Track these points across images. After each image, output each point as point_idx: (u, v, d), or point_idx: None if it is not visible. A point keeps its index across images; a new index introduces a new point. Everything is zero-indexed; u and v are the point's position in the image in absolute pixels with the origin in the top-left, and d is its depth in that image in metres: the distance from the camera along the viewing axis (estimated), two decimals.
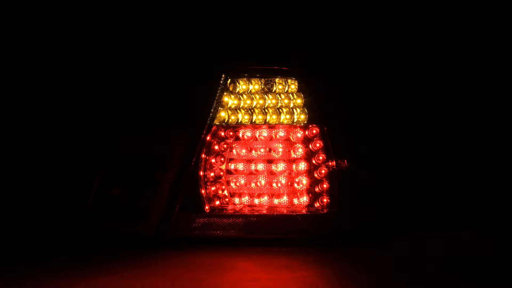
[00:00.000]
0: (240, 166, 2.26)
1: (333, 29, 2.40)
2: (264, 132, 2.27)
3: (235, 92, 2.26)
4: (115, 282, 1.86)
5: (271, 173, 2.26)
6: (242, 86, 2.27)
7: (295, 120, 2.26)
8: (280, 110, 2.27)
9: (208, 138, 2.23)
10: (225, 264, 2.03)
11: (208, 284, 1.84)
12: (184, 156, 2.20)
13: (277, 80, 2.27)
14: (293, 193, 2.26)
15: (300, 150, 2.25)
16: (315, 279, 1.89)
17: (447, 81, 2.72)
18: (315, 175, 2.24)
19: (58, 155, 2.29)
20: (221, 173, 2.25)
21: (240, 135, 2.27)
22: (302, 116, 2.26)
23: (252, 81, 2.27)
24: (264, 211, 2.25)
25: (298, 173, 2.26)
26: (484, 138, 2.76)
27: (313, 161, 2.24)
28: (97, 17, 2.38)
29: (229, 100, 2.25)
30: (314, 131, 2.25)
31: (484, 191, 2.72)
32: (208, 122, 2.22)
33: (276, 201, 2.26)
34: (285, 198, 2.26)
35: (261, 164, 2.26)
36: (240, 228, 2.22)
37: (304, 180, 2.25)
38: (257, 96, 2.27)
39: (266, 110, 2.27)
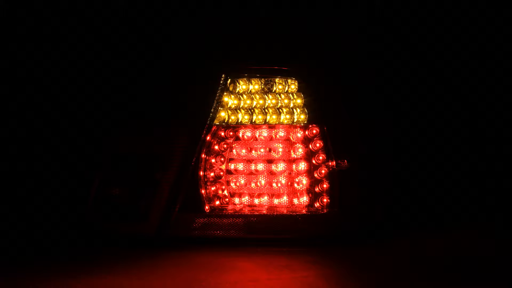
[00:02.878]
0: (240, 166, 2.26)
1: (333, 29, 2.39)
2: (264, 132, 2.27)
3: (235, 92, 2.26)
4: (115, 282, 1.86)
5: (271, 173, 2.26)
6: (242, 86, 2.27)
7: (295, 120, 2.26)
8: (280, 110, 2.27)
9: (208, 138, 2.23)
10: (225, 264, 2.03)
11: (208, 284, 1.84)
12: (184, 156, 2.20)
13: (277, 80, 2.27)
14: (293, 193, 2.26)
15: (300, 150, 2.25)
16: (315, 279, 1.89)
17: (447, 81, 2.72)
18: (315, 175, 2.24)
19: (58, 155, 2.29)
20: (221, 173, 2.25)
21: (240, 135, 2.27)
22: (302, 116, 2.26)
23: (252, 81, 2.27)
24: (264, 211, 2.25)
25: (298, 173, 2.26)
26: (484, 138, 2.76)
27: (313, 161, 2.24)
28: (97, 17, 2.38)
29: (229, 100, 2.25)
30: (314, 131, 2.25)
31: (484, 191, 2.72)
32: (208, 122, 2.22)
33: (276, 201, 2.26)
34: (285, 198, 2.26)
35: (261, 164, 2.26)
36: (240, 228, 2.22)
37: (304, 180, 2.25)
38: (257, 96, 2.27)
39: (266, 110, 2.27)
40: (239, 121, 2.26)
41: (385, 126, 2.45)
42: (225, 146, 2.25)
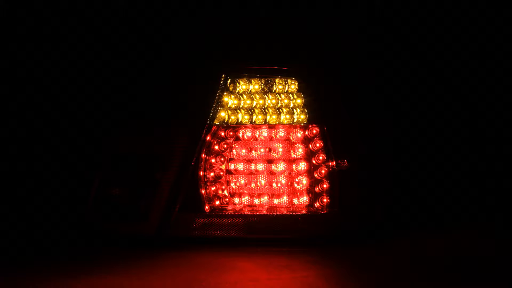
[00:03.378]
0: (240, 166, 2.26)
1: (333, 29, 2.39)
2: (264, 132, 2.27)
3: (235, 92, 2.26)
4: (115, 282, 1.86)
5: (271, 173, 2.26)
6: (242, 86, 2.27)
7: (295, 120, 2.27)
8: (280, 110, 2.27)
9: (208, 138, 2.23)
10: (225, 264, 2.03)
11: (208, 284, 1.84)
12: (184, 156, 2.20)
13: (277, 80, 2.27)
14: (293, 193, 2.26)
15: (300, 150, 2.25)
16: (315, 279, 1.89)
17: (447, 81, 2.72)
18: (315, 175, 2.24)
19: (58, 155, 2.29)
20: (221, 173, 2.25)
21: (240, 135, 2.27)
22: (302, 116, 2.26)
23: (252, 81, 2.27)
24: (264, 211, 2.25)
25: (298, 173, 2.26)
26: (484, 138, 2.76)
27: (313, 161, 2.24)
28: (97, 17, 2.38)
29: (229, 100, 2.25)
30: (314, 131, 2.25)
31: (484, 191, 2.72)
32: (208, 122, 2.22)
33: (276, 201, 2.26)
34: (285, 198, 2.26)
35: (261, 164, 2.26)
36: (240, 228, 2.22)
37: (304, 180, 2.25)
38: (257, 96, 2.27)
39: (266, 110, 2.27)
40: (239, 121, 2.26)
41: (385, 126, 2.45)
42: (225, 146, 2.25)
